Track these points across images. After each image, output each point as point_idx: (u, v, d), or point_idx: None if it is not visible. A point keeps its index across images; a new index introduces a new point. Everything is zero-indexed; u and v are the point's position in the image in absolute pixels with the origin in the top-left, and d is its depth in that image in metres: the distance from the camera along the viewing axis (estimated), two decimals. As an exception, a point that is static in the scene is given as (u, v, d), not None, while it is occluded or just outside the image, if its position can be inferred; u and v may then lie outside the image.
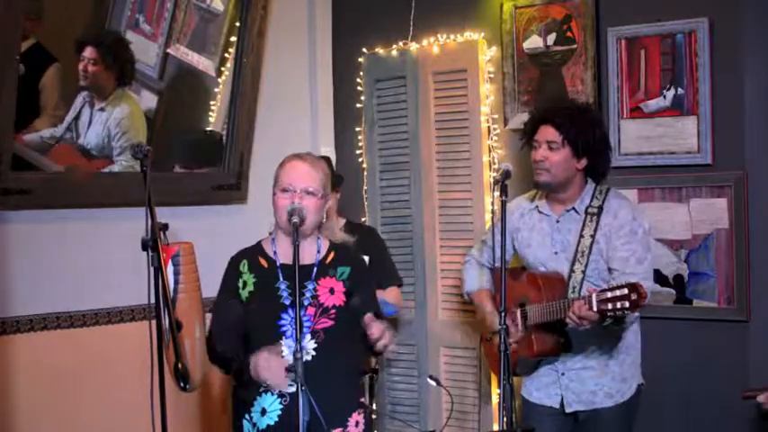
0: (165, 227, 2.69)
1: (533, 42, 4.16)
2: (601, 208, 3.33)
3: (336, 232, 3.06)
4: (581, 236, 3.32)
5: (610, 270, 3.28)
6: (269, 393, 2.84)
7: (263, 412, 2.84)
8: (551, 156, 3.30)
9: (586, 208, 3.35)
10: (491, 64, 4.30)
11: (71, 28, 3.81)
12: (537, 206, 3.46)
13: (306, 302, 2.85)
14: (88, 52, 3.81)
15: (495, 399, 4.16)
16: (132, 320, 3.99)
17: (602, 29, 3.97)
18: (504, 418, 2.84)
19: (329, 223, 3.04)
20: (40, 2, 3.66)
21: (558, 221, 3.40)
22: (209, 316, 2.95)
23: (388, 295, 3.93)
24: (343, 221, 3.98)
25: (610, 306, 2.99)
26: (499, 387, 2.90)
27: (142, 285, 2.65)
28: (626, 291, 2.97)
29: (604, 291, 3.02)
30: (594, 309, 3.02)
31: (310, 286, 2.88)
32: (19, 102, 3.52)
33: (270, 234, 3.03)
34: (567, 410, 3.35)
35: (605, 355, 3.33)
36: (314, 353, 2.85)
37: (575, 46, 4.04)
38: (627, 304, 2.97)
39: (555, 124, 3.31)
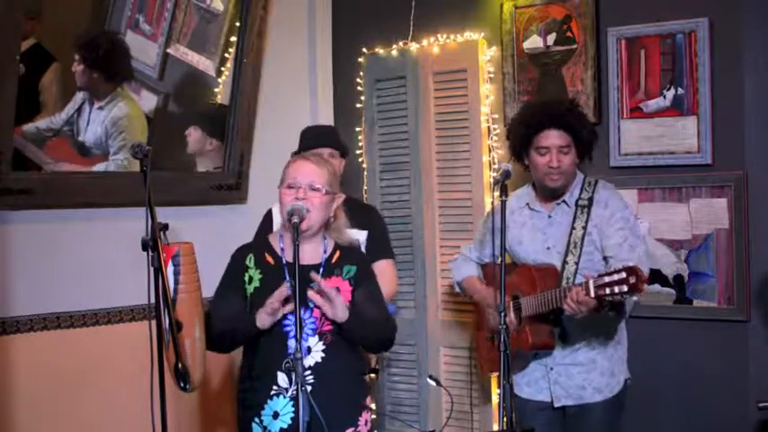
0: (165, 227, 2.69)
1: (533, 42, 4.16)
2: (591, 200, 3.34)
3: (344, 234, 3.04)
4: (573, 228, 3.33)
5: (605, 259, 3.29)
6: (281, 396, 2.84)
7: (276, 416, 2.84)
8: (564, 159, 3.31)
9: (576, 200, 3.36)
10: (491, 64, 4.30)
11: (71, 28, 3.81)
12: (527, 203, 3.47)
13: (312, 304, 2.83)
14: (80, 56, 3.80)
15: (494, 399, 4.16)
16: (132, 320, 3.99)
17: (602, 29, 3.97)
18: (504, 418, 2.85)
19: (336, 224, 3.02)
20: (40, 2, 3.66)
21: (549, 216, 3.41)
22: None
23: (382, 272, 3.86)
24: (342, 197, 3.90)
25: (608, 291, 2.98)
26: (499, 387, 2.90)
27: (142, 285, 2.64)
28: (624, 275, 2.96)
29: (602, 276, 3.01)
30: (592, 294, 3.02)
31: (317, 288, 2.87)
32: (19, 101, 3.53)
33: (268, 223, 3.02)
34: (556, 405, 3.36)
35: (594, 350, 3.33)
36: (323, 354, 2.85)
37: (575, 46, 4.04)
38: (625, 288, 2.95)
39: (566, 127, 3.30)
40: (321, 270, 2.91)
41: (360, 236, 3.64)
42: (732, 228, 3.67)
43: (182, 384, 2.72)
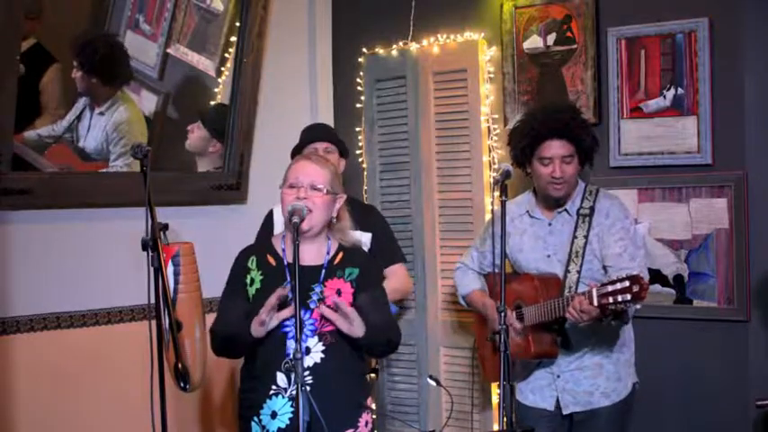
0: (165, 227, 2.69)
1: (533, 42, 4.16)
2: (592, 209, 3.34)
3: (348, 235, 3.03)
4: (574, 236, 3.32)
5: (605, 268, 3.29)
6: (279, 396, 2.83)
7: (274, 415, 2.83)
8: (567, 169, 3.30)
9: (578, 209, 3.35)
10: (491, 64, 4.30)
11: (71, 28, 3.81)
12: (528, 211, 3.46)
13: (312, 305, 2.82)
14: (78, 62, 3.79)
15: (494, 399, 4.16)
16: (132, 320, 3.99)
17: (602, 29, 3.97)
18: (504, 419, 2.84)
19: (340, 225, 3.00)
20: (40, 2, 3.66)
21: (550, 224, 3.40)
22: (209, 316, 2.95)
23: (395, 273, 3.87)
24: (344, 197, 3.90)
25: (611, 300, 2.98)
26: (499, 388, 2.89)
27: (142, 285, 2.65)
28: (627, 283, 2.96)
29: (605, 285, 3.01)
30: (595, 303, 3.01)
31: (317, 289, 2.84)
32: (19, 102, 3.53)
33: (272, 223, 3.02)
34: (565, 412, 3.35)
35: (599, 354, 3.33)
36: (323, 355, 2.83)
37: (575, 46, 4.04)
38: (628, 297, 2.95)
39: (569, 137, 3.29)
40: (323, 272, 2.91)
41: (364, 238, 3.64)
42: (732, 228, 3.67)
43: (182, 384, 2.73)
